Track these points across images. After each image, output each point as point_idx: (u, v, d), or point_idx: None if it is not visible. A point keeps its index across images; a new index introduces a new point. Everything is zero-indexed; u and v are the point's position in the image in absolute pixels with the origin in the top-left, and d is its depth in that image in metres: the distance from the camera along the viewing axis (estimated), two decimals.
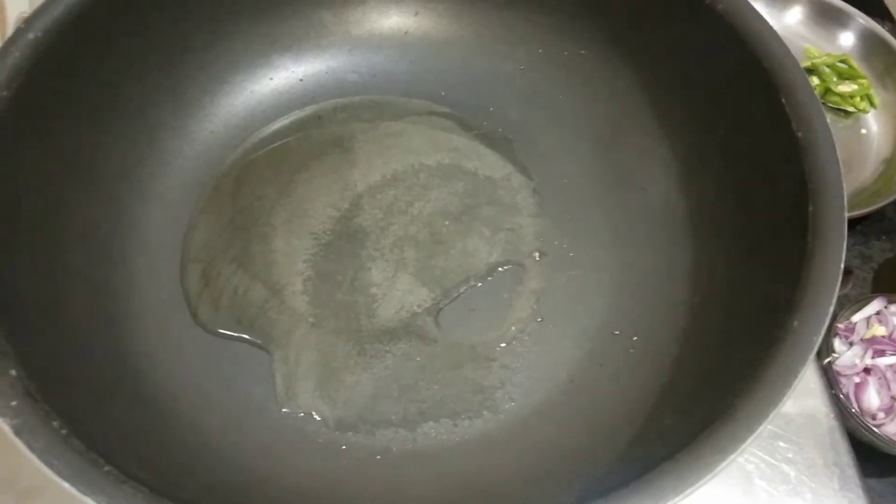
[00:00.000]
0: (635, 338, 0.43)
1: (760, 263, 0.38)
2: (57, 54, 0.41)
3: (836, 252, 0.33)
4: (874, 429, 0.55)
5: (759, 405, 0.29)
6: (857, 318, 0.61)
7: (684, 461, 0.28)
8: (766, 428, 0.29)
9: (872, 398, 0.57)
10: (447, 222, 0.48)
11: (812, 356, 0.31)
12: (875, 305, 0.61)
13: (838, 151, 0.37)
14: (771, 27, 0.41)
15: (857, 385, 0.58)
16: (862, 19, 0.77)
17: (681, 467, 0.28)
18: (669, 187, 0.46)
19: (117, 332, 0.41)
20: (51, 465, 0.28)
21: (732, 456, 0.28)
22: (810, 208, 0.35)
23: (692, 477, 0.28)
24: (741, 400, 0.30)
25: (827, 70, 0.76)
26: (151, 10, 0.46)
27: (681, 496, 0.28)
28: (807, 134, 0.37)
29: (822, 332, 0.31)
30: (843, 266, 0.33)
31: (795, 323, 0.32)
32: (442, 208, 0.49)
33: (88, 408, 0.34)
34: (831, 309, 0.32)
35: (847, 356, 0.59)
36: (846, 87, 0.75)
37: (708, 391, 0.35)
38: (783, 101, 0.39)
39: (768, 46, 0.40)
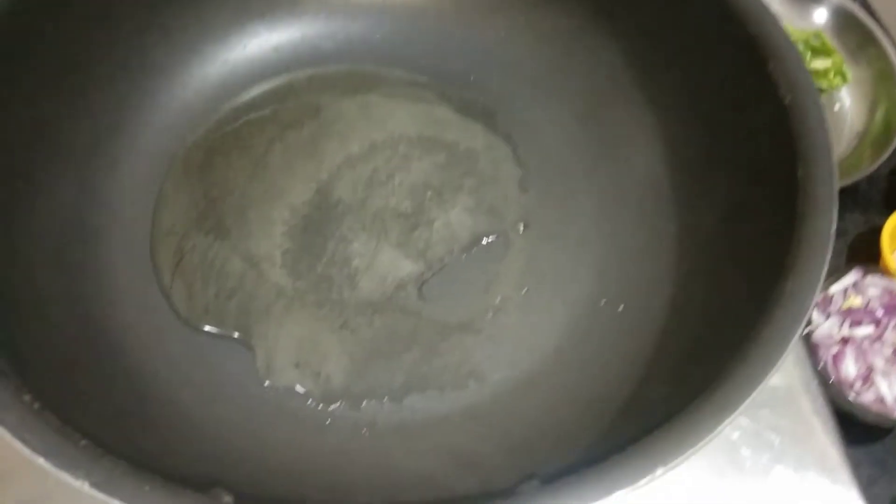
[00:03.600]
0: (621, 308, 0.42)
1: (749, 230, 0.38)
2: (18, 18, 0.39)
3: (827, 214, 0.33)
4: (852, 398, 0.56)
5: (756, 367, 0.29)
6: (834, 289, 0.61)
7: (683, 423, 0.28)
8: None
9: (850, 368, 0.58)
10: (429, 193, 0.47)
11: (806, 318, 0.31)
12: (851, 277, 0.61)
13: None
14: None
15: (835, 355, 0.58)
16: None
17: (679, 430, 0.28)
18: (654, 157, 0.45)
19: (90, 307, 0.40)
20: (24, 441, 0.27)
21: (731, 417, 0.28)
22: (800, 172, 0.35)
23: (690, 439, 0.28)
24: (736, 364, 0.30)
25: (801, 46, 0.76)
26: None
27: (679, 459, 0.27)
28: (795, 99, 0.37)
29: (817, 293, 0.31)
30: (834, 228, 0.33)
31: (789, 285, 0.31)
32: (423, 180, 0.48)
33: (62, 384, 0.33)
34: (824, 271, 0.32)
35: (824, 327, 0.60)
36: (820, 63, 0.75)
37: (699, 358, 0.35)
38: (769, 67, 0.38)
39: (753, 12, 0.40)
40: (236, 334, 0.42)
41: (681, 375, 0.35)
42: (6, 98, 0.39)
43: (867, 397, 0.57)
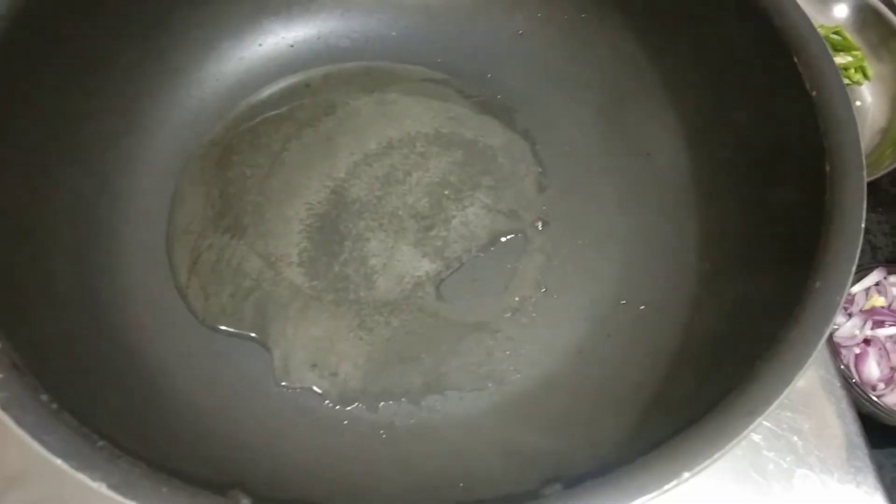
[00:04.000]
0: (643, 307, 0.42)
1: (774, 226, 0.37)
2: (38, 15, 0.39)
3: (856, 210, 0.32)
4: (875, 399, 0.55)
5: (785, 367, 0.29)
6: (856, 289, 0.60)
7: (711, 425, 0.27)
8: None
9: (872, 369, 0.57)
10: (447, 191, 0.47)
11: (836, 316, 0.30)
12: (874, 276, 0.60)
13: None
14: None
15: (857, 356, 0.58)
16: None
17: (708, 431, 0.27)
18: (677, 152, 0.44)
19: (106, 305, 0.40)
20: (42, 442, 0.27)
21: (760, 418, 0.27)
22: (827, 168, 0.34)
23: (718, 442, 0.27)
24: (765, 363, 0.29)
25: None
26: None
27: (706, 462, 0.27)
28: (821, 93, 0.36)
29: (846, 291, 0.30)
30: (864, 224, 0.32)
31: (818, 283, 0.31)
32: (441, 177, 0.47)
33: (79, 383, 0.33)
34: (854, 268, 0.31)
35: (846, 327, 0.59)
36: (840, 59, 0.74)
37: (724, 359, 0.34)
38: (795, 60, 0.38)
39: (780, 5, 0.39)
40: (253, 334, 0.41)
41: (705, 376, 0.34)
42: (24, 97, 0.39)
43: (891, 399, 0.56)
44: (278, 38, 0.51)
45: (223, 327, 0.41)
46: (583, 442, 0.36)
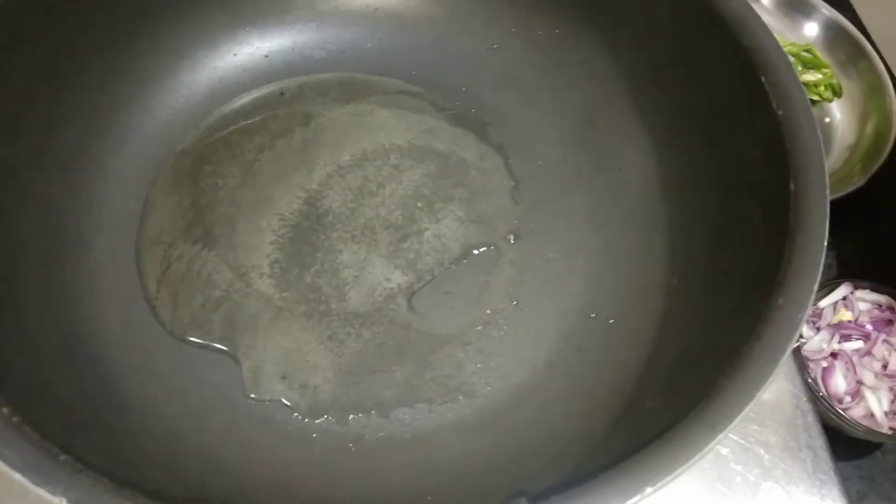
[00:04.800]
0: (611, 321, 0.42)
1: (740, 243, 0.38)
2: (8, 20, 0.39)
3: (819, 229, 0.33)
4: (841, 412, 0.56)
5: (747, 383, 0.29)
6: (823, 303, 0.61)
7: (674, 440, 0.28)
8: None
9: (839, 382, 0.58)
10: (420, 204, 0.47)
11: (798, 333, 0.30)
12: (841, 291, 0.61)
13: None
14: (750, 6, 0.40)
15: (825, 369, 0.59)
16: (826, 10, 0.78)
17: (671, 446, 0.27)
18: (647, 169, 0.45)
19: (72, 315, 0.39)
20: (1, 455, 0.26)
21: (722, 434, 0.28)
22: (792, 187, 0.35)
23: (682, 456, 0.27)
24: (728, 379, 0.29)
25: (792, 59, 0.76)
26: None
27: (669, 477, 0.27)
28: (788, 113, 0.37)
29: (808, 309, 0.31)
30: (826, 243, 0.33)
31: (780, 300, 0.31)
32: (414, 190, 0.47)
33: (42, 395, 0.32)
34: (816, 286, 0.32)
35: (814, 341, 0.60)
36: (810, 77, 0.75)
37: (690, 372, 0.35)
38: (763, 79, 0.38)
39: (748, 25, 0.40)
40: (222, 346, 0.41)
41: (672, 390, 0.35)
42: None
43: (856, 412, 0.57)
44: (253, 48, 0.51)
45: (192, 338, 0.41)
46: (549, 456, 0.36)
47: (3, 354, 0.32)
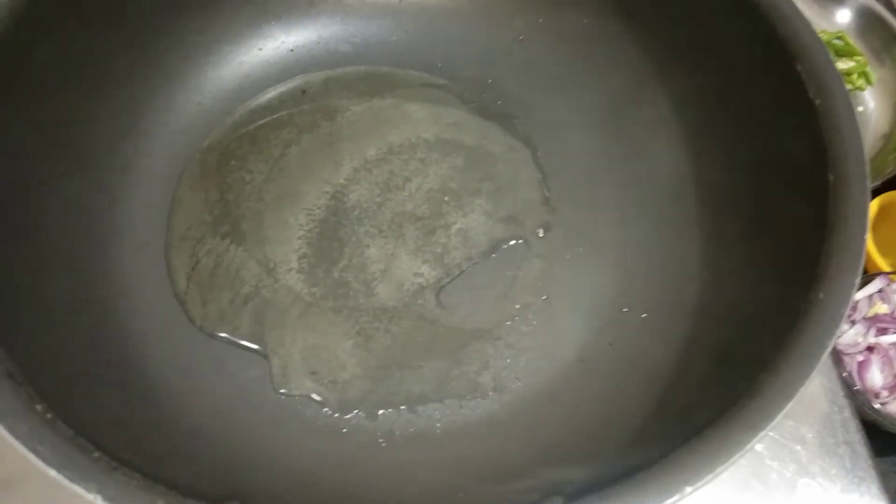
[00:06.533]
0: (645, 315, 0.41)
1: (777, 236, 0.37)
2: (32, 19, 0.39)
3: (860, 221, 0.32)
4: (878, 407, 0.55)
5: (788, 380, 0.28)
6: (859, 296, 0.60)
7: (713, 438, 0.27)
8: None
9: (876, 377, 0.57)
10: (447, 198, 0.46)
11: (839, 328, 0.30)
12: (877, 283, 0.60)
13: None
14: None
15: (861, 364, 0.57)
16: None
17: (710, 445, 0.27)
18: (678, 160, 0.44)
19: (102, 312, 0.39)
20: (35, 452, 0.26)
21: (763, 433, 0.27)
22: (830, 178, 0.34)
23: (723, 455, 0.27)
24: (768, 375, 0.29)
25: None
26: None
27: (712, 475, 0.26)
28: (824, 101, 0.36)
29: (850, 302, 0.30)
30: (867, 234, 0.32)
31: (821, 295, 0.30)
32: (441, 183, 0.47)
33: (74, 391, 0.32)
34: (857, 279, 0.31)
35: (850, 335, 0.58)
36: (843, 65, 0.74)
37: (727, 369, 0.34)
38: (799, 68, 0.37)
39: (782, 12, 0.39)
40: (251, 342, 0.41)
41: (708, 386, 0.34)
42: (19, 99, 0.38)
43: (894, 406, 0.56)
44: (278, 43, 0.51)
45: (221, 334, 0.41)
46: (582, 453, 0.35)
47: (36, 352, 0.32)
